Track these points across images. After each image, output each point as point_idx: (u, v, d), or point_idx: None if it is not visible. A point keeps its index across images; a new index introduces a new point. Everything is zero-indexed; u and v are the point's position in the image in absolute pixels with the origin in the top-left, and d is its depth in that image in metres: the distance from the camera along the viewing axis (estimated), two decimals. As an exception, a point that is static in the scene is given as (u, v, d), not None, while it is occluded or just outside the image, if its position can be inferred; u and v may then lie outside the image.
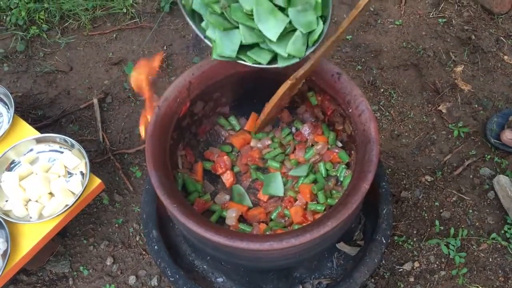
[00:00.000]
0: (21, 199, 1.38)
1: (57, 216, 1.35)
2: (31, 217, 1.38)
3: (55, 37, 2.06)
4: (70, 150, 1.48)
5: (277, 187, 1.20)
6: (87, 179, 1.39)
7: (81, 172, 1.46)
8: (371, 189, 1.19)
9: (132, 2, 2.11)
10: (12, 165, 1.46)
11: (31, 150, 1.49)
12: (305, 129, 1.20)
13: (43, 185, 1.39)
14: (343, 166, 1.17)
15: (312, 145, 1.20)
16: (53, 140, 1.49)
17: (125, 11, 2.10)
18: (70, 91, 1.94)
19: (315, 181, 1.17)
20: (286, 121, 1.25)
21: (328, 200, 1.12)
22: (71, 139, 1.46)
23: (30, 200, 1.40)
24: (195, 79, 1.06)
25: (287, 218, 1.13)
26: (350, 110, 1.03)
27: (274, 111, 1.13)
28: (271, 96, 1.16)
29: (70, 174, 1.46)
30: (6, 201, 1.40)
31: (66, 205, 1.37)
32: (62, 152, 1.49)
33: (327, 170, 1.19)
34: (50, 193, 1.41)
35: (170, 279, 1.14)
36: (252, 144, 1.25)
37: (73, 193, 1.41)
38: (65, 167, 1.46)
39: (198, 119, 1.18)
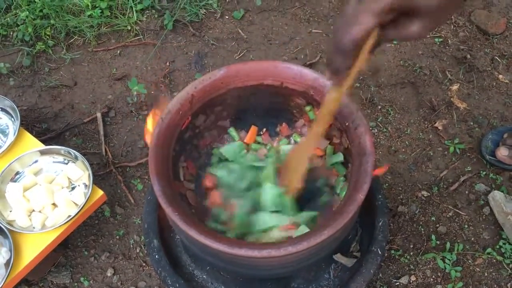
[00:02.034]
0: (25, 209, 1.41)
1: (59, 226, 1.38)
2: (34, 227, 1.40)
3: (61, 53, 2.11)
4: (74, 162, 1.51)
5: None
6: (90, 190, 1.42)
7: (84, 183, 1.49)
8: (367, 201, 1.22)
9: (136, 19, 2.17)
10: (17, 176, 1.50)
11: (36, 161, 1.52)
12: (303, 142, 1.24)
13: (46, 196, 1.41)
14: (341, 178, 1.20)
15: (310, 158, 1.24)
16: (57, 152, 1.53)
17: (129, 28, 2.16)
18: (74, 105, 1.98)
19: (312, 193, 1.20)
20: (284, 135, 1.28)
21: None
22: (74, 151, 1.49)
23: (33, 210, 1.43)
24: (197, 92, 1.10)
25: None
26: (347, 124, 1.06)
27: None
28: (271, 110, 1.20)
29: (73, 185, 1.49)
30: (10, 211, 1.43)
31: (69, 216, 1.40)
32: (66, 164, 1.52)
33: (324, 182, 1.22)
34: (54, 204, 1.44)
35: (170, 288, 1.16)
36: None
37: (76, 204, 1.44)
38: (69, 178, 1.49)
39: (199, 132, 1.21)
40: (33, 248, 1.37)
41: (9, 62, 2.09)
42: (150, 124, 1.07)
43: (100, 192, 1.46)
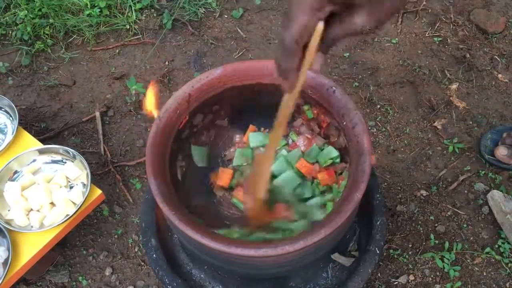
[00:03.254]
0: (23, 208, 1.41)
1: (58, 225, 1.38)
2: (32, 226, 1.40)
3: (59, 52, 2.11)
4: (72, 161, 1.51)
5: None
6: (88, 189, 1.42)
7: (82, 183, 1.48)
8: (365, 201, 1.22)
9: (135, 18, 2.17)
10: (15, 175, 1.49)
11: (34, 160, 1.52)
12: (300, 141, 1.24)
13: (44, 195, 1.41)
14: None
15: (307, 157, 1.24)
16: (56, 151, 1.53)
17: (128, 27, 2.16)
18: (73, 105, 1.98)
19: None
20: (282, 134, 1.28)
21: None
22: (73, 151, 1.49)
23: (31, 209, 1.43)
24: (194, 91, 1.10)
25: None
26: (345, 123, 1.06)
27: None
28: (269, 108, 1.19)
29: (71, 184, 1.49)
30: (9, 210, 1.43)
31: (67, 215, 1.40)
32: (64, 163, 1.52)
33: (322, 181, 1.22)
34: (52, 203, 1.44)
35: (168, 287, 1.16)
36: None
37: (74, 203, 1.44)
38: (67, 177, 1.49)
39: (197, 131, 1.21)
40: (31, 247, 1.37)
41: (8, 61, 2.09)
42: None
43: (98, 191, 1.45)
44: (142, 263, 1.61)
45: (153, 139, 1.03)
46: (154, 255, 1.20)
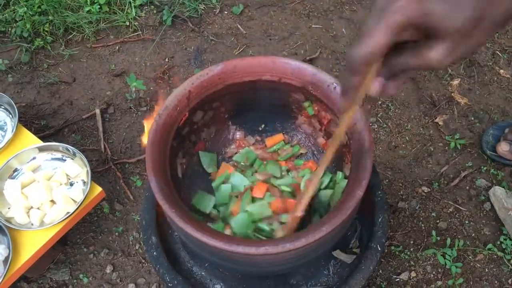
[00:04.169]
0: (23, 206, 1.41)
1: (58, 223, 1.37)
2: (32, 224, 1.40)
3: (59, 49, 2.11)
4: (72, 159, 1.51)
5: None
6: (88, 187, 1.42)
7: (82, 180, 1.48)
8: (366, 198, 1.21)
9: (135, 15, 2.16)
10: (15, 173, 1.49)
11: (34, 158, 1.52)
12: (302, 139, 1.24)
13: (45, 192, 1.41)
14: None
15: (309, 154, 1.23)
16: (56, 148, 1.52)
17: (128, 24, 2.15)
18: (73, 102, 1.97)
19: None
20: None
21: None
22: (73, 148, 1.48)
23: (32, 207, 1.42)
24: (194, 88, 1.09)
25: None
26: (345, 120, 1.05)
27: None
28: (270, 105, 1.19)
29: (71, 182, 1.49)
30: (9, 208, 1.42)
31: (67, 213, 1.39)
32: (64, 161, 1.52)
33: (323, 179, 1.21)
34: (52, 201, 1.43)
35: (169, 285, 1.15)
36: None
37: (74, 200, 1.43)
38: (67, 175, 1.48)
39: (197, 128, 1.20)
40: (31, 245, 1.37)
41: (8, 58, 2.08)
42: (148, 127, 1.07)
43: (98, 189, 1.45)
44: (143, 261, 1.61)
45: (153, 136, 1.02)
46: (154, 253, 1.20)
